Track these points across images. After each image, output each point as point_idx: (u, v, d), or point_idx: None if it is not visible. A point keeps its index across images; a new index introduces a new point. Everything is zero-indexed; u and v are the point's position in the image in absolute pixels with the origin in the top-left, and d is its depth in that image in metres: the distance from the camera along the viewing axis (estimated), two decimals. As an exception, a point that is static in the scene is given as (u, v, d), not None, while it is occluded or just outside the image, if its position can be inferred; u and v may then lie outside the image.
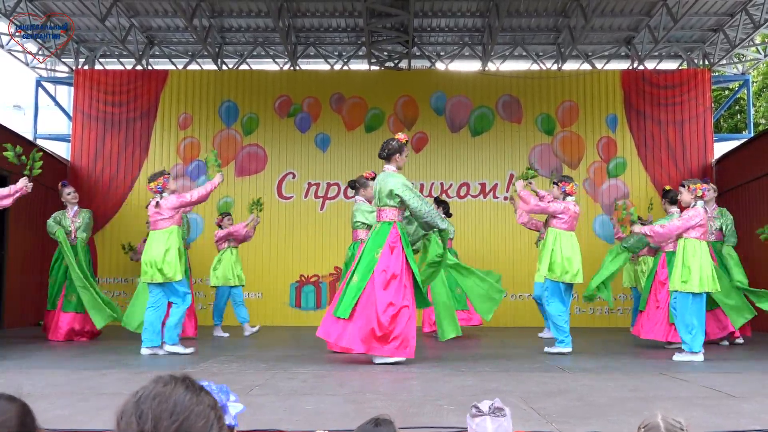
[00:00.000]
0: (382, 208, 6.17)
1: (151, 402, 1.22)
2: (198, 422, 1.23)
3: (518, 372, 5.36)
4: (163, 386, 1.25)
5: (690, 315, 6.44)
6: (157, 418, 1.21)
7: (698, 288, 6.42)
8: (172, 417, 1.21)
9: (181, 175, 12.29)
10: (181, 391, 1.25)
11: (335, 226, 11.90)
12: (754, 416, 3.44)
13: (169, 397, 1.23)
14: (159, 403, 1.22)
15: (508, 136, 12.43)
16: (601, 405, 3.80)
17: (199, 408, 1.24)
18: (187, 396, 1.25)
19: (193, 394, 1.26)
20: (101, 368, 5.48)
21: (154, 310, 6.82)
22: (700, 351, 6.39)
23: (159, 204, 6.84)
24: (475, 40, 12.73)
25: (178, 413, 1.22)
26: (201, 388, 1.29)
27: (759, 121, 18.06)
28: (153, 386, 1.26)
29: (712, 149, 12.42)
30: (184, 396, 1.24)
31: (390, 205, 6.09)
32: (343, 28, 12.32)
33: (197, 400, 1.25)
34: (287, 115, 12.51)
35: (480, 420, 2.40)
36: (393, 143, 6.28)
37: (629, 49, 12.77)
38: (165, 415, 1.21)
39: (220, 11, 11.73)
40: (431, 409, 3.62)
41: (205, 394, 1.29)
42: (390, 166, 6.26)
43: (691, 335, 6.40)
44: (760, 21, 10.96)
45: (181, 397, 1.24)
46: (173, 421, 1.21)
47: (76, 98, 12.45)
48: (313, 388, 4.41)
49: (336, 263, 11.77)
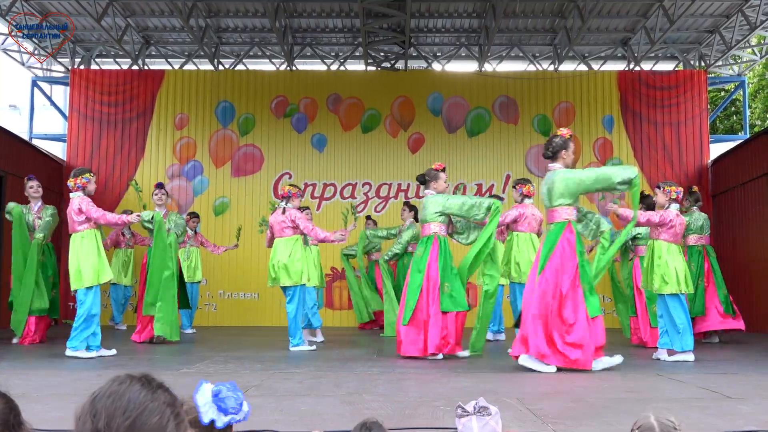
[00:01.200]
0: (554, 208, 5.70)
1: (105, 400, 1.24)
2: (152, 418, 1.23)
3: (514, 373, 5.36)
4: (118, 385, 1.27)
5: (678, 314, 6.41)
6: (110, 416, 1.22)
7: (676, 289, 6.39)
8: (125, 414, 1.22)
9: (177, 175, 12.28)
10: (136, 388, 1.26)
11: (331, 227, 11.86)
12: (751, 417, 3.44)
13: (123, 395, 1.24)
14: (113, 401, 1.23)
15: (505, 137, 12.44)
16: (596, 406, 3.80)
17: (153, 405, 1.25)
18: (142, 393, 1.25)
19: (148, 391, 1.26)
20: (98, 369, 5.47)
21: (296, 310, 7.38)
22: (690, 350, 6.37)
23: (286, 211, 7.45)
24: (471, 41, 12.73)
25: (131, 410, 1.23)
26: (159, 386, 1.30)
27: (755, 122, 18.10)
28: (109, 385, 1.27)
29: (708, 150, 12.45)
30: (138, 393, 1.25)
31: (566, 204, 5.69)
32: (339, 28, 12.32)
33: (152, 396, 1.26)
34: (284, 116, 12.50)
35: (466, 420, 2.40)
36: (557, 140, 5.78)
37: (625, 50, 12.79)
38: (118, 412, 1.22)
39: (216, 11, 11.72)
40: (427, 410, 3.61)
41: (162, 391, 1.29)
42: (556, 164, 5.79)
43: (679, 334, 6.37)
44: (756, 22, 10.99)
45: (135, 395, 1.25)
46: (126, 418, 1.22)
47: (72, 98, 12.43)
48: (309, 389, 4.40)
49: (332, 264, 11.76)
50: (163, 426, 1.24)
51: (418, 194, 12.36)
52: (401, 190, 12.37)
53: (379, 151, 12.47)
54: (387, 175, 12.42)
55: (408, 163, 12.40)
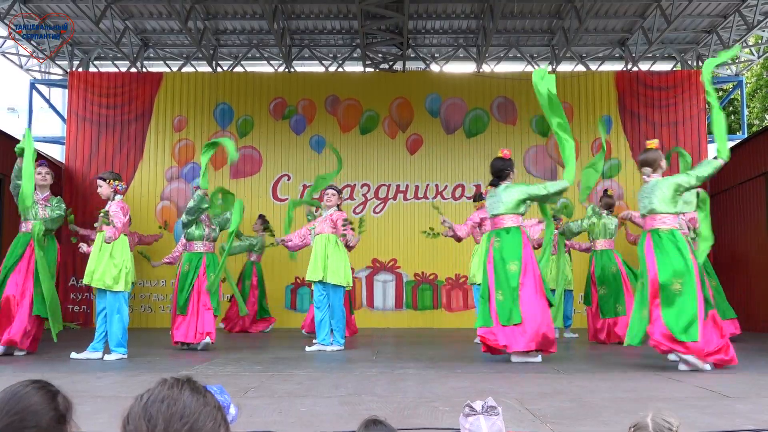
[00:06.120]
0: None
1: (159, 405, 1.23)
2: (207, 423, 1.23)
3: (513, 373, 5.36)
4: (169, 389, 1.26)
5: None
6: (167, 421, 1.21)
7: None
8: (183, 419, 1.22)
9: (176, 177, 12.29)
10: (188, 393, 1.26)
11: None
12: (748, 416, 3.45)
13: (177, 400, 1.24)
14: (168, 407, 1.23)
15: (503, 138, 12.45)
16: (595, 406, 3.81)
17: (206, 409, 1.25)
18: (195, 398, 1.25)
19: (199, 395, 1.27)
20: (96, 371, 5.47)
21: (321, 310, 7.42)
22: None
23: None
24: (469, 42, 12.75)
25: (188, 415, 1.22)
26: (205, 390, 1.30)
27: (753, 122, 18.13)
28: (159, 389, 1.26)
29: (707, 150, 12.46)
30: (191, 398, 1.25)
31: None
32: (337, 30, 12.33)
33: (204, 401, 1.26)
34: (282, 117, 12.51)
35: (474, 419, 2.41)
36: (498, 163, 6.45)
37: (623, 50, 12.80)
38: (175, 417, 1.21)
39: (214, 13, 11.73)
40: (426, 410, 3.62)
41: (210, 396, 1.30)
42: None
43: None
44: (753, 22, 11.01)
45: (189, 400, 1.24)
46: (184, 423, 1.21)
47: (71, 101, 12.43)
48: (308, 390, 4.41)
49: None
50: (216, 430, 1.24)
51: (416, 195, 12.38)
52: (400, 191, 12.38)
53: (377, 152, 12.48)
54: (385, 176, 12.43)
55: (406, 164, 12.42)
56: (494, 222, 6.33)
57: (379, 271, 12.19)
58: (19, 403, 1.36)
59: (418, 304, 12.13)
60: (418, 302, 12.14)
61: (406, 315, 12.11)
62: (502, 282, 6.04)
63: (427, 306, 12.12)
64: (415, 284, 12.18)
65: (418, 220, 12.23)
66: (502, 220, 6.23)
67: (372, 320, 11.94)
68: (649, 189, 5.79)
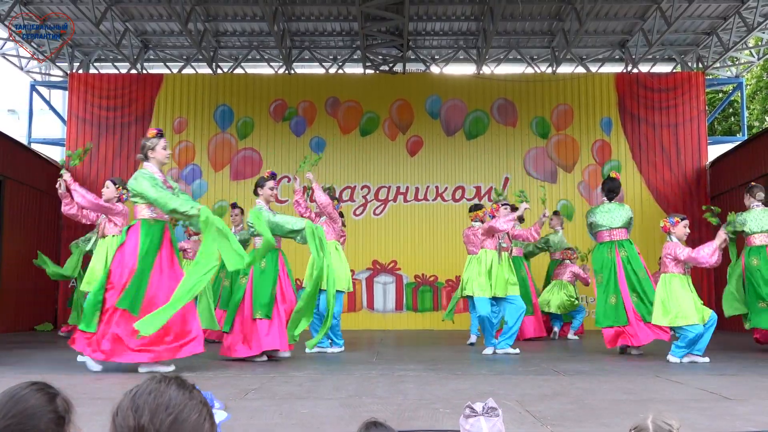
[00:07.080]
0: None
1: (146, 397, 1.30)
2: (192, 415, 1.30)
3: (513, 375, 5.36)
4: (157, 383, 1.33)
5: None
6: (153, 411, 1.27)
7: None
8: (168, 410, 1.28)
9: (176, 179, 12.27)
10: (174, 387, 1.32)
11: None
12: (749, 418, 3.45)
13: (164, 393, 1.30)
14: (155, 398, 1.29)
15: (503, 140, 12.46)
16: (595, 407, 3.81)
17: (192, 403, 1.32)
18: (181, 392, 1.32)
19: (185, 390, 1.33)
20: (96, 373, 5.47)
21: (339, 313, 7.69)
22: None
23: None
24: (469, 44, 12.76)
25: (173, 407, 1.29)
26: (192, 387, 1.36)
27: (753, 123, 18.14)
28: (147, 383, 1.33)
29: (706, 152, 12.47)
30: (177, 392, 1.32)
31: None
32: (338, 32, 12.34)
33: (190, 396, 1.33)
34: (282, 119, 12.52)
35: (474, 420, 2.40)
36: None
37: (623, 52, 12.81)
38: (161, 408, 1.28)
39: (215, 15, 11.74)
40: (426, 412, 3.62)
41: (197, 392, 1.36)
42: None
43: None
44: (753, 24, 11.02)
45: (175, 393, 1.31)
46: (168, 414, 1.28)
47: (71, 102, 12.44)
48: (308, 392, 4.40)
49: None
50: (201, 423, 1.31)
51: (417, 197, 12.38)
52: (400, 192, 12.38)
53: (377, 154, 12.48)
54: (385, 177, 12.43)
55: (407, 166, 12.42)
56: (613, 233, 7.12)
57: (379, 272, 12.19)
58: (18, 405, 1.37)
59: (419, 306, 12.13)
60: (419, 304, 12.14)
61: (406, 317, 12.11)
62: (635, 285, 6.86)
63: (427, 308, 12.13)
64: (415, 286, 12.18)
65: (419, 222, 12.24)
66: (622, 232, 7.11)
67: (372, 322, 11.95)
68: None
